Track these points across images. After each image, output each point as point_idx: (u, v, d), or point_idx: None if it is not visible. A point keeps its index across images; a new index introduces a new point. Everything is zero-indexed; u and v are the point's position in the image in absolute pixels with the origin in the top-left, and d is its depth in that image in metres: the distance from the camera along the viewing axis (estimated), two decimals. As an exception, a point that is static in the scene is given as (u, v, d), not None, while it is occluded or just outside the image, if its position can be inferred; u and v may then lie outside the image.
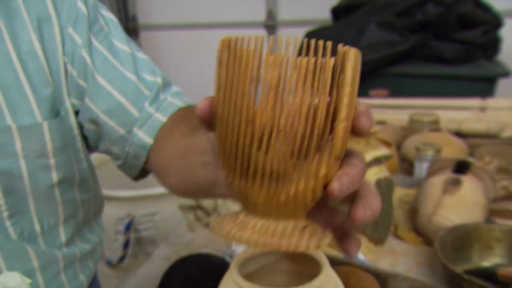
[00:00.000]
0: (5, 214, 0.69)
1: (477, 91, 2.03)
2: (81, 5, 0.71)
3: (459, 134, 1.63)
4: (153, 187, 1.71)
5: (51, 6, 0.69)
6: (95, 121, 0.72)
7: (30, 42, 0.68)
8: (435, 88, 2.18)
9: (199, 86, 3.34)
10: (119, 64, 0.72)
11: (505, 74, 2.18)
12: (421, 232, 0.98)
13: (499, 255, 0.87)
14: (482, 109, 1.83)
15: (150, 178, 0.86)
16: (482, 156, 1.34)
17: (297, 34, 1.82)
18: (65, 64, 0.70)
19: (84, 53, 0.70)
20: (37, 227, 0.73)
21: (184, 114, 0.73)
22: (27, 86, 0.68)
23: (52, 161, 0.72)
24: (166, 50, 3.70)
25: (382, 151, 0.96)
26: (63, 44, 0.70)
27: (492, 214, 1.05)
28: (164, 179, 0.71)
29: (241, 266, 0.58)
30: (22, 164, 0.69)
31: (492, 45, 2.32)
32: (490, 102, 1.86)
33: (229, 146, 0.38)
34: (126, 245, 1.79)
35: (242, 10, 3.44)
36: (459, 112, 1.81)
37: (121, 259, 1.71)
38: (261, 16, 3.41)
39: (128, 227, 1.77)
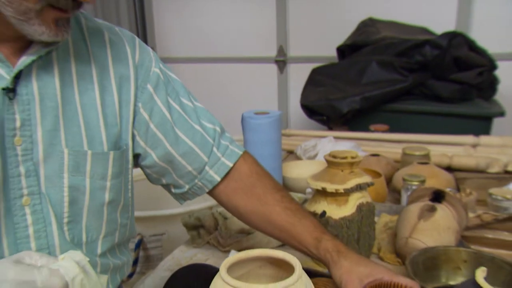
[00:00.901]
0: (65, 220, 0.84)
1: (473, 129, 2.08)
2: (156, 69, 0.93)
3: (450, 168, 1.70)
4: (162, 209, 1.78)
5: (132, 69, 0.90)
6: (171, 161, 0.94)
7: (111, 93, 0.88)
8: (432, 125, 2.22)
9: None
10: (188, 117, 0.95)
11: (500, 113, 2.21)
12: (399, 253, 1.06)
13: (465, 275, 0.93)
14: (474, 145, 1.89)
15: (160, 201, 1.03)
16: (465, 189, 1.39)
17: (305, 69, 1.99)
18: (135, 113, 0.91)
19: (165, 110, 0.92)
20: (83, 236, 0.88)
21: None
22: (102, 124, 0.86)
23: (108, 184, 0.89)
24: (181, 81, 3.77)
25: (365, 178, 1.05)
26: (136, 98, 0.91)
27: (466, 240, 1.12)
28: (236, 214, 1.02)
29: (229, 270, 0.71)
30: (87, 182, 0.86)
31: (488, 86, 2.37)
32: (483, 139, 1.93)
33: None
34: (135, 262, 1.81)
35: (254, 46, 3.51)
36: (451, 148, 1.88)
37: (130, 275, 1.76)
38: (272, 52, 3.49)
39: (138, 245, 1.80)
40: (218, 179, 0.96)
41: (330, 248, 0.86)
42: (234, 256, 0.76)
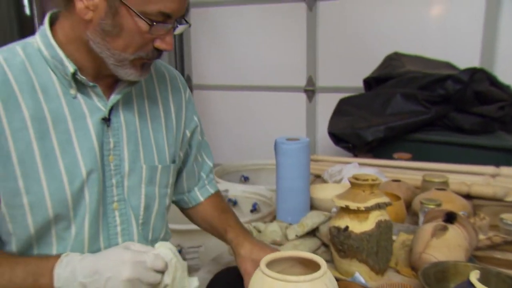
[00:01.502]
0: (140, 221, 1.01)
1: (494, 160, 2.11)
2: (193, 102, 1.16)
3: (469, 195, 1.70)
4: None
5: (184, 103, 1.12)
6: (179, 174, 1.18)
7: (171, 120, 1.08)
8: (454, 155, 2.24)
9: (242, 139, 3.60)
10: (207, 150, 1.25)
11: None
12: (414, 267, 1.15)
13: None
14: (494, 175, 1.91)
15: None
16: (480, 214, 1.45)
17: (333, 99, 2.15)
18: (183, 136, 1.12)
19: (200, 138, 1.20)
20: (150, 235, 1.05)
21: (216, 197, 1.26)
22: (166, 144, 1.06)
23: (169, 191, 1.08)
24: (215, 107, 3.80)
25: (383, 199, 1.15)
26: (185, 126, 1.12)
27: (478, 259, 1.19)
28: (196, 222, 1.27)
29: (267, 267, 0.85)
30: (157, 191, 1.04)
31: (510, 119, 2.38)
32: (503, 170, 1.95)
33: None
34: None
35: (285, 75, 3.56)
36: (471, 177, 1.89)
37: None
38: (302, 82, 3.52)
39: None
40: (202, 199, 1.22)
41: (233, 239, 1.14)
42: (271, 254, 0.90)
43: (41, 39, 0.89)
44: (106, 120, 0.93)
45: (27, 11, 3.25)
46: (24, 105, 0.85)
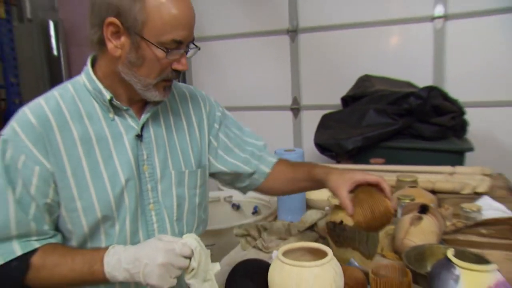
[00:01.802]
0: (174, 218, 1.05)
1: (450, 161, 2.15)
2: (218, 113, 1.18)
3: (433, 191, 1.76)
4: (212, 225, 1.84)
5: (205, 115, 1.15)
6: (235, 171, 1.19)
7: (194, 131, 1.11)
8: (418, 158, 2.27)
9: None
10: (241, 140, 1.22)
11: (470, 149, 2.30)
12: (397, 251, 1.22)
13: None
14: (451, 174, 1.96)
15: (210, 220, 1.23)
16: (444, 205, 1.52)
17: (316, 115, 2.18)
18: (209, 143, 1.15)
19: (225, 139, 1.18)
20: (184, 229, 1.08)
21: (282, 161, 1.26)
22: (191, 151, 1.09)
23: (197, 191, 1.11)
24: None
25: None
26: (208, 134, 1.14)
27: (446, 241, 1.25)
28: (275, 193, 1.33)
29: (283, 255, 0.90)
30: (186, 192, 1.08)
31: (460, 127, 2.44)
32: (458, 169, 2.01)
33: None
34: None
35: (273, 96, 3.56)
36: (434, 175, 1.94)
37: None
38: (288, 101, 3.53)
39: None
40: (268, 170, 1.22)
41: (320, 172, 1.14)
42: (286, 246, 0.94)
43: (85, 76, 0.97)
44: (139, 136, 0.99)
45: (55, 52, 3.29)
46: (74, 129, 0.92)
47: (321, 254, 0.90)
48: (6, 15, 2.31)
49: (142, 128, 1.00)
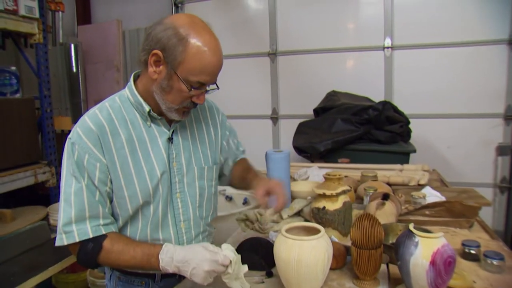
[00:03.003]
0: (197, 205, 1.09)
1: (399, 160, 2.27)
2: (227, 123, 1.22)
3: (388, 183, 1.86)
4: None
5: (219, 123, 1.19)
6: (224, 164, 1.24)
7: (211, 136, 1.16)
8: (375, 158, 2.37)
9: None
10: (232, 151, 1.26)
11: (414, 150, 2.41)
12: None
13: None
14: (401, 170, 2.08)
15: None
16: (398, 194, 1.61)
17: (291, 123, 2.26)
18: (221, 146, 1.19)
19: (232, 144, 1.22)
20: (203, 213, 1.13)
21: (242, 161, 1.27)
22: (209, 152, 1.13)
23: (213, 183, 1.15)
24: None
25: (346, 187, 1.27)
26: (221, 139, 1.18)
27: (400, 221, 1.32)
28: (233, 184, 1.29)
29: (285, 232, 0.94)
30: (206, 184, 1.12)
31: (406, 134, 2.55)
32: (405, 166, 2.14)
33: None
34: None
35: (256, 107, 3.56)
36: (388, 172, 2.05)
37: None
38: (268, 111, 3.55)
39: None
40: (231, 164, 1.26)
41: (252, 178, 1.17)
42: (287, 225, 0.98)
43: (128, 90, 1.03)
44: (170, 139, 1.04)
45: (74, 69, 3.28)
46: (122, 134, 0.98)
47: (314, 231, 0.96)
48: (43, 40, 2.34)
49: (172, 134, 1.05)
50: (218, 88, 1.02)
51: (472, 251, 1.10)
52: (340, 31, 3.23)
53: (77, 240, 0.93)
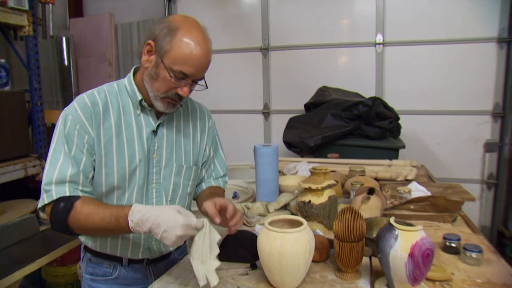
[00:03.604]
0: (169, 199, 1.12)
1: (388, 155, 2.28)
2: (216, 131, 1.23)
3: (376, 178, 1.88)
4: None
5: (207, 127, 1.20)
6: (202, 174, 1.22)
7: (197, 137, 1.17)
8: (365, 153, 2.36)
9: None
10: (211, 161, 1.23)
11: (403, 146, 2.41)
12: None
13: None
14: (389, 165, 2.09)
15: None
16: (385, 189, 1.64)
17: (282, 118, 2.26)
18: (205, 150, 1.19)
19: (213, 152, 1.21)
20: (186, 203, 1.15)
21: (215, 187, 1.23)
22: (192, 152, 1.15)
23: (190, 183, 1.16)
24: None
25: (332, 181, 1.28)
26: (206, 143, 1.19)
27: (386, 215, 1.34)
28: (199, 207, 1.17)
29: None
30: (181, 181, 1.14)
31: (396, 130, 2.55)
32: (394, 161, 2.15)
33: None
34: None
35: (248, 102, 3.54)
36: (376, 167, 2.05)
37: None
38: (260, 106, 3.54)
39: None
40: (204, 187, 1.23)
41: (205, 198, 1.08)
42: (270, 218, 0.99)
43: (127, 80, 1.08)
44: (154, 132, 1.08)
45: (66, 62, 3.26)
46: (112, 116, 1.03)
47: (297, 224, 0.97)
48: (33, 33, 2.32)
49: (158, 127, 1.08)
50: (206, 87, 1.06)
51: (453, 245, 1.12)
52: (332, 27, 3.24)
53: (54, 198, 0.95)
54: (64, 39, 3.21)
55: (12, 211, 2.13)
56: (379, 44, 3.13)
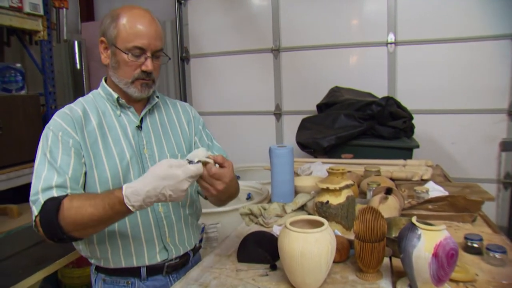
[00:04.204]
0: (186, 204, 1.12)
1: (402, 155, 2.26)
2: (201, 119, 1.23)
3: (391, 178, 1.84)
4: (216, 208, 1.82)
5: (192, 118, 1.21)
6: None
7: (184, 128, 1.18)
8: (379, 153, 2.35)
9: (231, 148, 3.27)
10: (217, 149, 1.24)
11: (417, 146, 2.39)
12: None
13: None
14: (404, 165, 2.08)
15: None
16: (401, 188, 1.62)
17: (294, 120, 2.26)
18: (194, 139, 1.19)
19: (204, 140, 1.20)
20: (178, 203, 1.13)
21: None
22: (182, 141, 1.16)
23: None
24: (209, 127, 3.57)
25: (349, 181, 1.27)
26: (194, 133, 1.19)
27: (403, 215, 1.33)
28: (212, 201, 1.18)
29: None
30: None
31: (409, 129, 2.53)
32: (408, 161, 2.13)
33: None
34: (200, 241, 1.95)
35: (259, 103, 3.54)
36: (391, 167, 2.03)
37: (198, 248, 1.87)
38: (271, 107, 3.54)
39: (202, 230, 1.78)
40: None
41: None
42: (290, 218, 0.98)
43: (100, 87, 1.11)
44: (139, 127, 1.09)
45: (78, 66, 3.31)
46: (93, 119, 1.05)
47: (317, 224, 0.96)
48: (48, 37, 2.36)
49: (141, 122, 1.10)
50: (169, 58, 1.10)
51: (475, 245, 1.11)
52: (343, 27, 3.23)
53: (42, 202, 0.91)
54: (76, 43, 3.27)
55: (29, 213, 2.15)
56: (391, 43, 3.11)
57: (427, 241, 0.84)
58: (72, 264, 2.32)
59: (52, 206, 0.89)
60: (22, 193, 2.39)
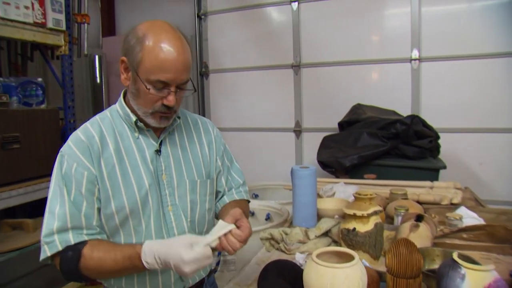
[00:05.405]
0: (189, 219, 1.07)
1: (427, 177, 2.19)
2: (223, 140, 1.19)
3: (418, 202, 1.77)
4: None
5: (213, 138, 1.16)
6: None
7: (205, 150, 1.14)
8: (403, 174, 2.29)
9: (249, 166, 3.15)
10: (228, 172, 1.20)
11: (444, 167, 2.33)
12: None
13: (437, 263, 1.08)
14: (431, 187, 2.00)
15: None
16: (431, 214, 1.51)
17: (315, 137, 2.18)
18: (216, 161, 1.15)
19: (226, 162, 1.19)
20: (196, 229, 1.10)
21: (240, 201, 1.18)
22: (202, 165, 1.11)
23: (207, 198, 1.12)
24: (228, 143, 3.61)
25: (378, 207, 1.22)
26: (216, 154, 1.15)
27: (435, 245, 1.27)
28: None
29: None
30: (198, 198, 1.09)
31: (435, 149, 2.47)
32: (435, 183, 2.06)
33: None
34: (217, 263, 1.95)
35: (279, 120, 3.51)
36: (418, 189, 1.97)
37: (214, 271, 1.87)
38: (291, 124, 3.48)
39: (219, 254, 1.93)
40: (227, 201, 1.18)
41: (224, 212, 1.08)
42: (317, 250, 0.93)
43: (118, 104, 1.05)
44: (158, 151, 1.03)
45: (98, 80, 3.36)
46: (110, 143, 0.99)
47: (345, 256, 0.91)
48: (69, 52, 2.40)
49: (160, 146, 1.04)
50: (195, 90, 1.03)
51: (522, 283, 1.02)
52: (365, 43, 3.19)
53: (60, 248, 0.91)
54: (96, 57, 3.32)
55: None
56: (415, 59, 3.05)
57: (473, 283, 0.78)
58: (85, 281, 2.29)
59: (73, 256, 0.91)
60: (38, 207, 2.39)
